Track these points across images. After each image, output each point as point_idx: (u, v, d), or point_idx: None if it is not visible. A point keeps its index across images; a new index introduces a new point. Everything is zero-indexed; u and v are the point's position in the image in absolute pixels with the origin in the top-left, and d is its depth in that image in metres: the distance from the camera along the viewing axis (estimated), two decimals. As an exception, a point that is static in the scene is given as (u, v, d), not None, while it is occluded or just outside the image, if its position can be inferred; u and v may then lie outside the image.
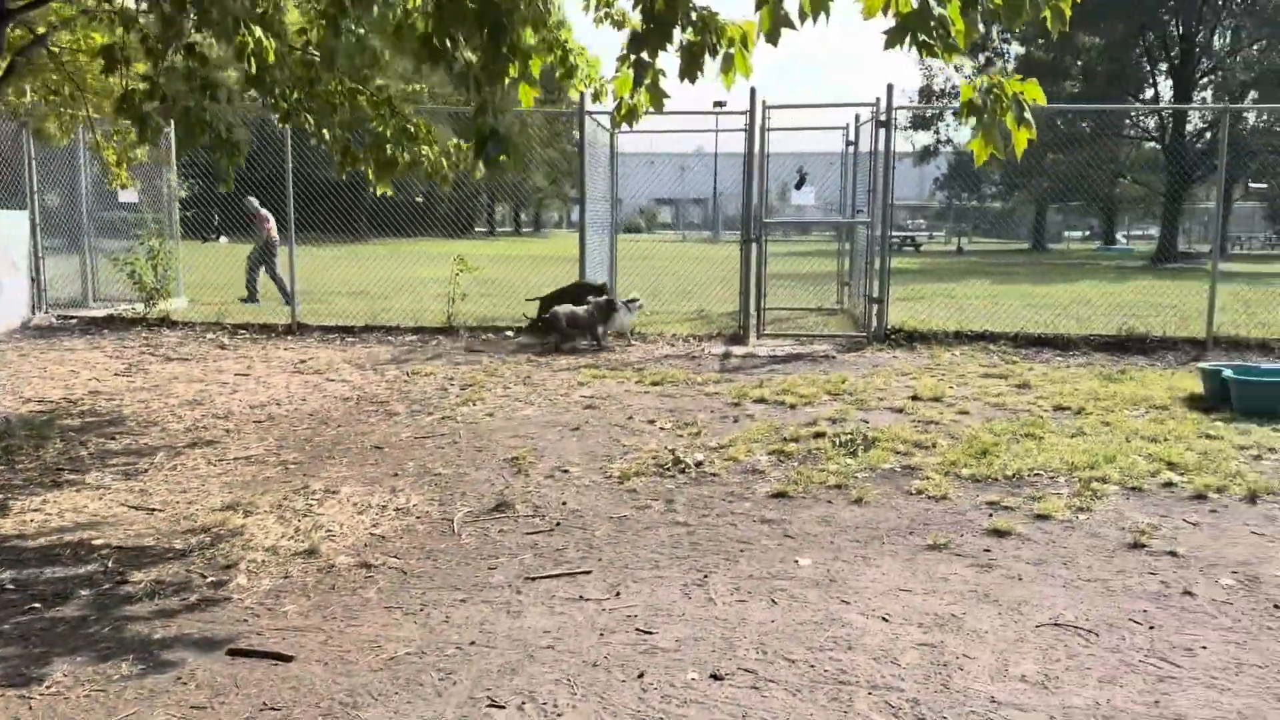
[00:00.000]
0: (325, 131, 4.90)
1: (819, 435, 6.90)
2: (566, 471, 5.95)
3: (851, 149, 14.08)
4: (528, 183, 58.26)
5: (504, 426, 7.17)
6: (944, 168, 48.60)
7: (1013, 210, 54.38)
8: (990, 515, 5.18)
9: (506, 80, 3.64)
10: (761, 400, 8.15)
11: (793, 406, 7.91)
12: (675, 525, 4.95)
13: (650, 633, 3.64)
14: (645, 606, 3.90)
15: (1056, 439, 6.81)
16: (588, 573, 4.26)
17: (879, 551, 4.61)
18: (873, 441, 6.67)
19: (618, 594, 4.02)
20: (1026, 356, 10.63)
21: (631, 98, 4.18)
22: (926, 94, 45.78)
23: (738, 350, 10.82)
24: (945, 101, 44.40)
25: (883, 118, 10.97)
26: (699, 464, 6.09)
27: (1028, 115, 3.07)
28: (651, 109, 4.21)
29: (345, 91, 5.11)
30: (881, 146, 11.09)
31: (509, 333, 11.81)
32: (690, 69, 3.52)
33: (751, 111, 11.00)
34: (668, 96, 4.09)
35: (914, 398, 8.26)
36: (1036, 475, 5.94)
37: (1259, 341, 11.26)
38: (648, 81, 3.95)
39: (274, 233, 15.44)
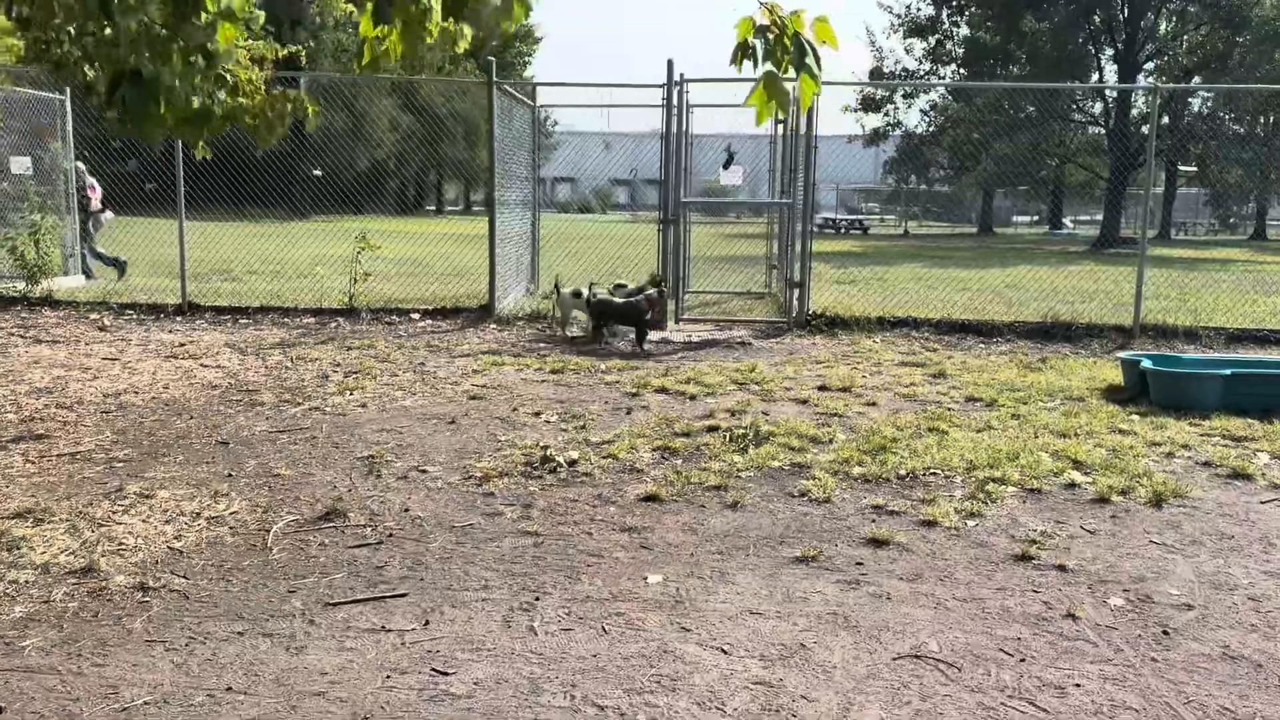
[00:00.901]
0: (99, 80, 4.26)
1: (712, 429, 6.45)
2: (424, 471, 5.43)
3: (781, 127, 13.60)
4: (475, 160, 57.22)
5: (375, 419, 6.63)
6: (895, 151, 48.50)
7: (961, 194, 54.50)
8: (873, 521, 4.75)
9: (203, 17, 3.06)
10: (663, 390, 7.67)
11: (693, 397, 7.44)
12: (524, 535, 4.45)
13: (447, 674, 3.15)
14: (455, 639, 3.40)
15: (961, 434, 6.41)
16: (402, 596, 3.75)
17: (741, 565, 4.15)
18: (766, 437, 6.22)
19: (427, 623, 3.51)
20: (948, 344, 10.26)
21: (381, 41, 3.57)
22: (877, 75, 45.56)
23: (653, 335, 10.32)
24: (890, 83, 44.24)
25: (804, 93, 10.49)
26: (572, 463, 5.60)
27: (811, 61, 2.55)
28: (406, 56, 3.61)
29: (154, 39, 4.51)
30: (803, 125, 10.62)
31: (415, 315, 11.22)
32: (455, 5, 2.96)
33: (668, 84, 10.47)
34: (424, 40, 3.49)
35: (822, 388, 7.84)
36: (932, 474, 5.53)
37: (1186, 329, 10.98)
38: (399, 22, 3.36)
39: (97, 202, 14.48)
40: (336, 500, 4.85)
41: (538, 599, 3.74)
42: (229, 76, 4.76)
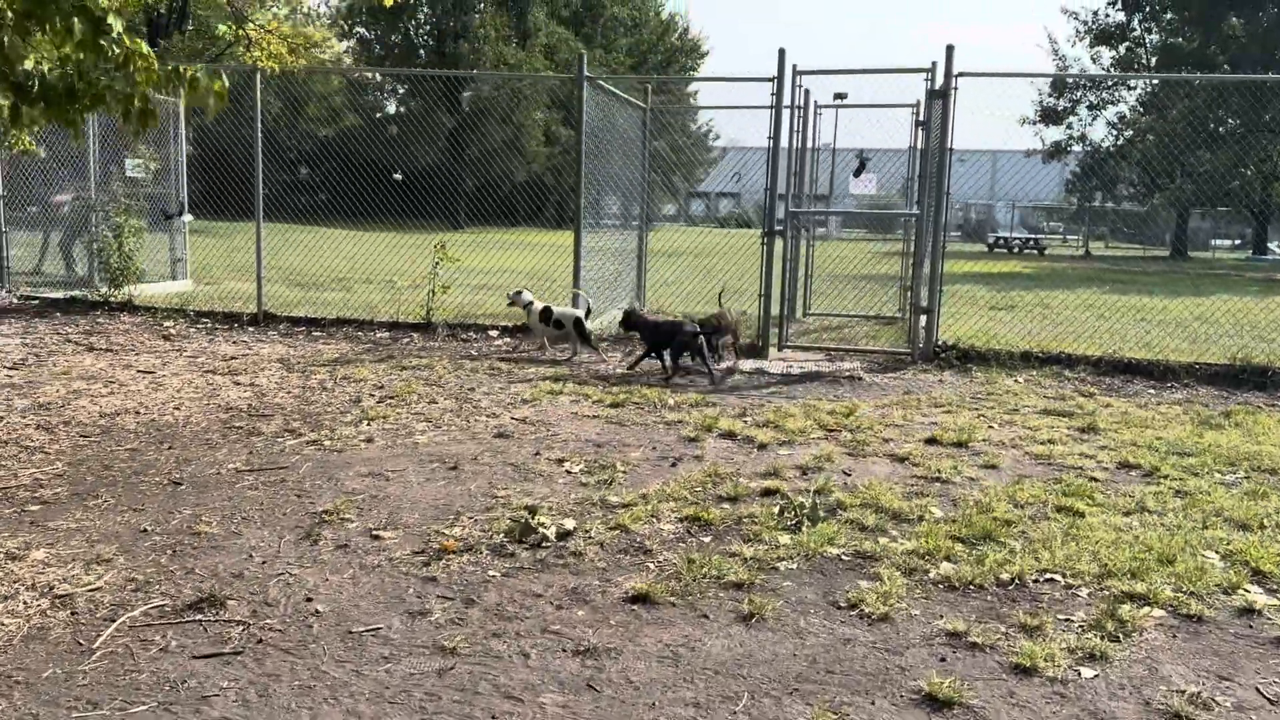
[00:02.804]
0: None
1: (769, 493, 5.10)
2: (376, 538, 4.33)
3: (922, 132, 11.98)
4: (631, 175, 56.81)
5: (373, 459, 5.60)
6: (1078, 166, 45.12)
7: (1152, 214, 50.21)
8: (941, 661, 3.32)
9: None
10: (730, 435, 6.36)
11: (763, 446, 6.09)
12: (435, 654, 3.26)
13: None
14: None
15: (1102, 517, 4.84)
16: (196, 753, 2.62)
17: (716, 731, 2.83)
18: (834, 509, 4.83)
19: (189, 813, 2.37)
20: (1108, 388, 8.47)
21: None
22: (1060, 85, 42.39)
23: (747, 365, 8.99)
24: (1077, 94, 41.13)
25: (938, 86, 8.95)
26: (564, 535, 4.38)
27: None
28: None
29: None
30: (936, 122, 9.07)
31: (492, 332, 10.26)
32: None
33: (779, 78, 9.11)
34: None
35: (931, 441, 6.34)
36: (1048, 581, 4.03)
37: None
38: None
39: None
40: (233, 578, 3.79)
41: (381, 778, 2.54)
42: (116, 49, 3.81)
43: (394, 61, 46.74)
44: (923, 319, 9.31)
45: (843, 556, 4.25)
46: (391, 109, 48.26)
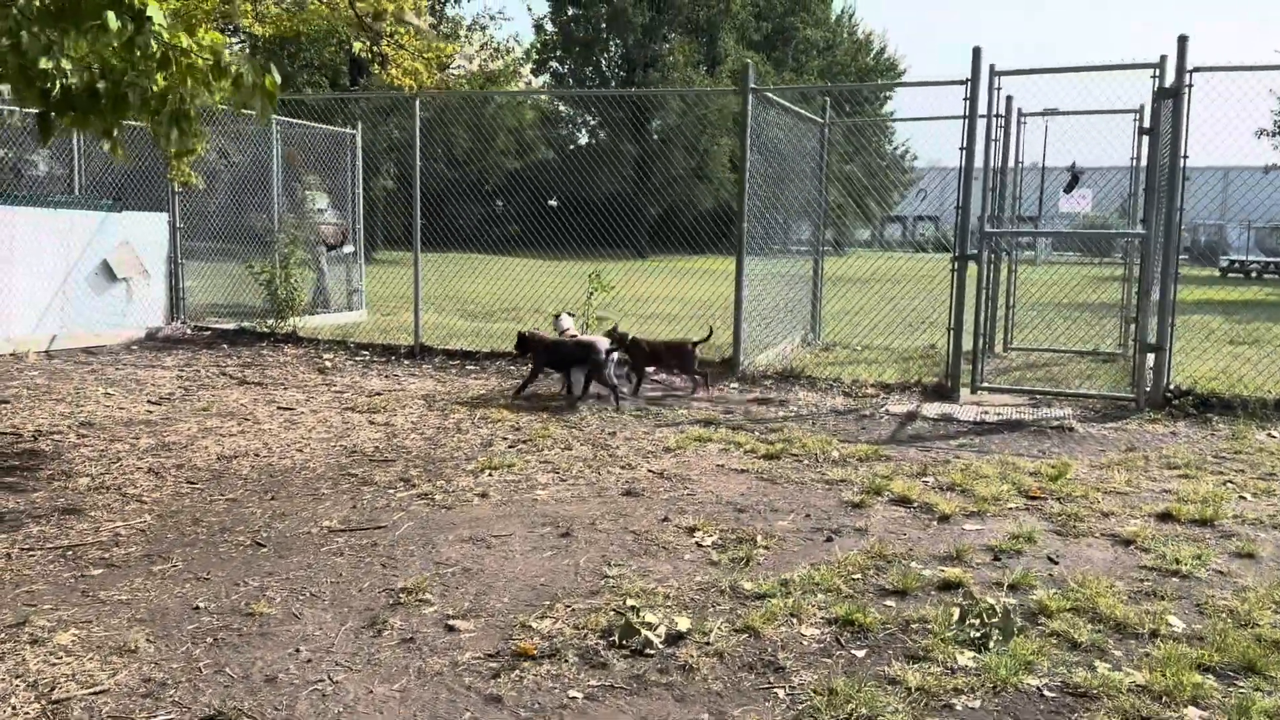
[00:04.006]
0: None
1: (948, 587, 4.05)
2: (452, 629, 3.58)
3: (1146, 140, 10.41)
4: (822, 199, 55.10)
5: (480, 518, 4.90)
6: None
7: None
8: None
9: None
10: (903, 500, 5.29)
11: (945, 518, 5.00)
12: (469, 819, 2.45)
13: None
14: None
15: None
16: None
17: None
18: (1035, 614, 3.74)
19: None
20: (1396, 446, 6.81)
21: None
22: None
23: (932, 409, 7.82)
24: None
25: (1168, 84, 7.55)
26: (676, 638, 3.49)
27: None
28: None
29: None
30: (1166, 127, 7.66)
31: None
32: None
33: (973, 80, 7.93)
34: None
35: (1165, 516, 5.07)
36: (1350, 751, 2.82)
37: None
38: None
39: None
40: (265, 683, 3.12)
41: None
42: (154, 45, 3.24)
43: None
44: (1150, 357, 7.85)
45: (1045, 691, 3.17)
46: (583, 140, 48.92)
